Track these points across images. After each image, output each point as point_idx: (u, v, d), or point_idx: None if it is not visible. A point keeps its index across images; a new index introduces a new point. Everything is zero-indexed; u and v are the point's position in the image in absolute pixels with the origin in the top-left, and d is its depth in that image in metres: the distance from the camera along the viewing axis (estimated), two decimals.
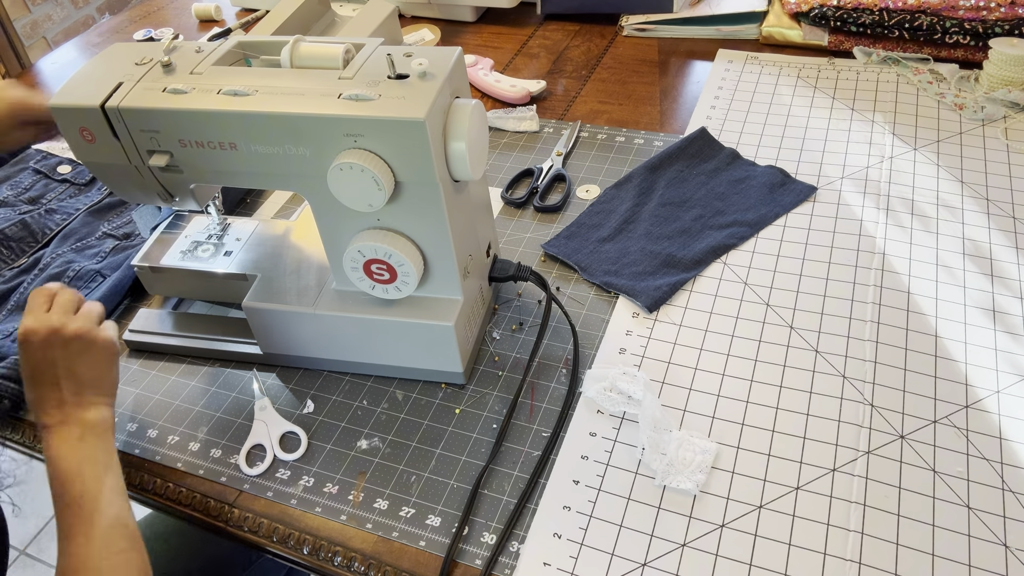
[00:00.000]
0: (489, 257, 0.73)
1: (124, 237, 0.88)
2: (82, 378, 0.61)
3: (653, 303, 0.73)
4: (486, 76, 1.07)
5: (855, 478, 0.59)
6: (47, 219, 0.91)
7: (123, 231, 0.89)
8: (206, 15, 1.35)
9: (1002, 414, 0.62)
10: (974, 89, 0.95)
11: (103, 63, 0.64)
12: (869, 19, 1.00)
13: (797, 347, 0.69)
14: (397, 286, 0.64)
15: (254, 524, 0.62)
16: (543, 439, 0.65)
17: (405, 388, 0.70)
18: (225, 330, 0.76)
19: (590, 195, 0.88)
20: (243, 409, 0.70)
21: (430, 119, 0.55)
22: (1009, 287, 0.72)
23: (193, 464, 0.67)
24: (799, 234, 0.80)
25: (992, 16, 0.95)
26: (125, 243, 0.87)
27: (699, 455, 0.61)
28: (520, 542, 0.58)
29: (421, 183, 0.58)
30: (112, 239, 0.88)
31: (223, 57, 0.64)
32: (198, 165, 0.63)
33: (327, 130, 0.57)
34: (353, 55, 0.62)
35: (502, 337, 0.73)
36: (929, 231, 0.78)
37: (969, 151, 0.87)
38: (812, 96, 0.98)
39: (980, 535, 0.55)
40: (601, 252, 0.80)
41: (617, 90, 1.05)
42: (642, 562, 0.56)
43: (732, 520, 0.58)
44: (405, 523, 0.61)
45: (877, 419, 0.63)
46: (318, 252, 0.73)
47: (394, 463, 0.65)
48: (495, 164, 0.94)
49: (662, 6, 1.14)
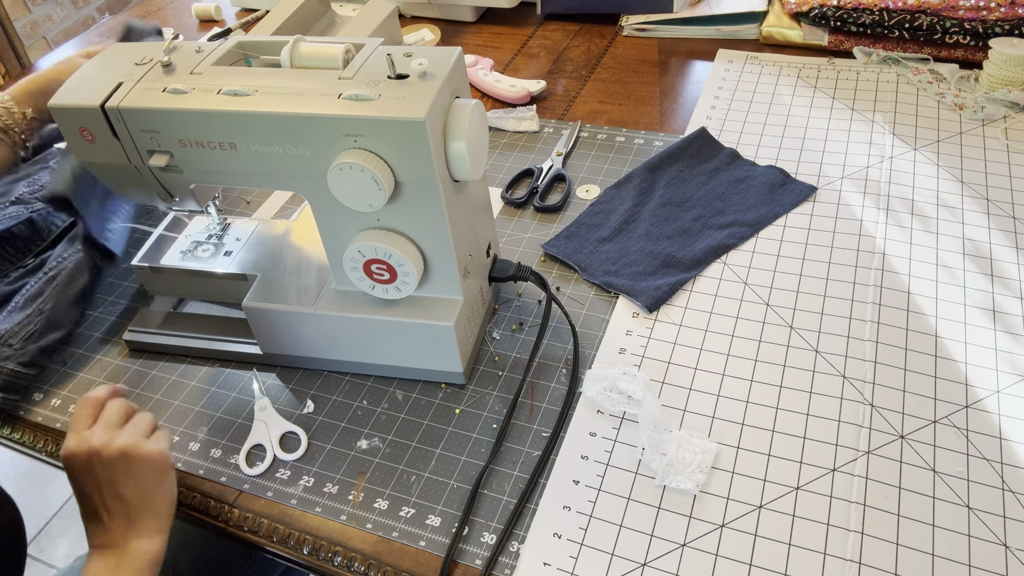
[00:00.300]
0: (489, 257, 0.73)
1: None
2: (129, 500, 0.57)
3: (653, 303, 0.73)
4: (486, 76, 1.07)
5: (855, 478, 0.59)
6: (54, 217, 0.90)
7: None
8: (206, 15, 1.35)
9: (1002, 414, 0.62)
10: (974, 89, 0.95)
11: (103, 63, 0.64)
12: (869, 19, 1.00)
13: (797, 347, 0.69)
14: (397, 286, 0.64)
15: (254, 524, 0.62)
16: (543, 439, 0.65)
17: (405, 388, 0.70)
18: (225, 330, 0.76)
19: (590, 195, 0.88)
20: (243, 409, 0.70)
21: (430, 119, 0.55)
22: (1009, 287, 0.72)
23: (193, 464, 0.67)
24: (799, 234, 0.80)
25: (992, 16, 0.95)
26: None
27: (699, 455, 0.61)
28: (520, 542, 0.58)
29: (421, 183, 0.58)
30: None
31: (223, 57, 0.64)
32: (198, 165, 0.63)
33: (327, 130, 0.57)
34: (353, 55, 0.62)
35: (502, 337, 0.73)
36: (929, 231, 0.78)
37: (969, 151, 0.87)
38: (812, 96, 0.98)
39: (980, 535, 0.55)
40: (601, 252, 0.80)
41: (617, 90, 1.05)
42: (642, 562, 0.56)
43: (732, 520, 0.58)
44: (405, 523, 0.61)
45: (877, 419, 0.63)
46: (318, 252, 0.73)
47: (394, 463, 0.65)
48: (495, 164, 0.94)
49: (662, 6, 1.14)
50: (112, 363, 0.76)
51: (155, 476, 0.59)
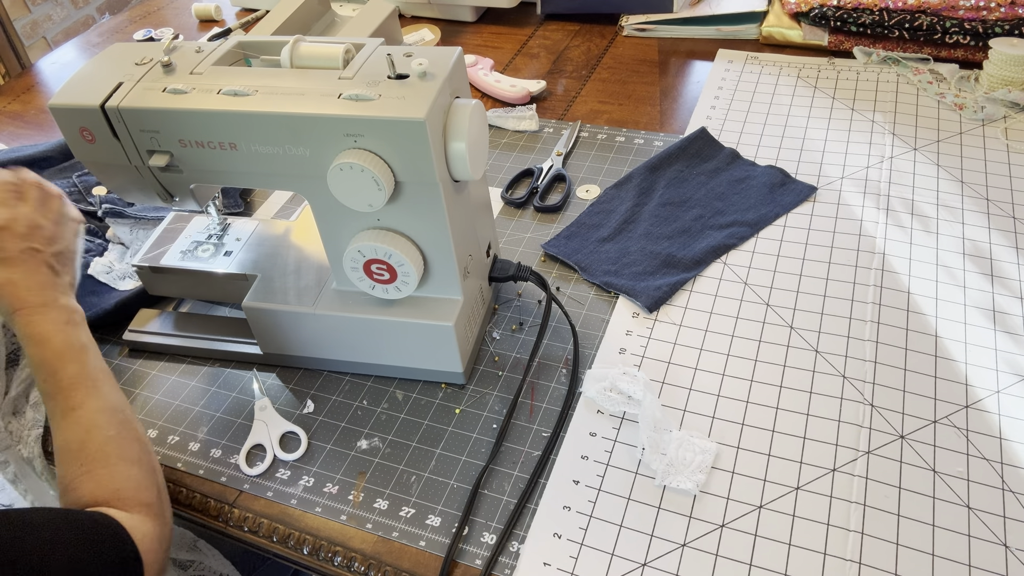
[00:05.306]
0: (489, 257, 0.73)
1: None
2: (64, 257, 0.65)
3: (653, 303, 0.73)
4: (486, 76, 1.07)
5: (855, 478, 0.59)
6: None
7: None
8: (206, 15, 1.35)
9: (1002, 414, 0.62)
10: (974, 89, 0.95)
11: (103, 63, 0.64)
12: (869, 19, 1.00)
13: (797, 347, 0.69)
14: (397, 286, 0.64)
15: (254, 524, 0.62)
16: (543, 439, 0.65)
17: (405, 388, 0.70)
18: (225, 330, 0.76)
19: (590, 195, 0.88)
20: (243, 409, 0.70)
21: (430, 119, 0.55)
22: (1009, 287, 0.72)
23: (193, 464, 0.67)
24: (799, 234, 0.80)
25: (992, 16, 0.95)
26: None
27: (699, 455, 0.61)
28: (520, 542, 0.58)
29: (421, 183, 0.58)
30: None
31: (223, 57, 0.64)
32: (198, 165, 0.63)
33: (327, 130, 0.57)
34: (353, 55, 0.62)
35: (502, 337, 0.73)
36: (929, 231, 0.78)
37: (969, 151, 0.87)
38: (812, 96, 0.98)
39: (980, 535, 0.55)
40: (601, 252, 0.80)
41: (617, 90, 1.05)
42: (642, 562, 0.56)
43: (732, 520, 0.58)
44: (405, 523, 0.61)
45: (877, 419, 0.63)
46: (318, 252, 0.73)
47: (394, 463, 0.65)
48: (495, 164, 0.94)
49: (662, 6, 1.14)
50: (112, 363, 0.76)
51: (72, 235, 0.67)
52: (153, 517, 0.56)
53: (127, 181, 0.66)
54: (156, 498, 0.57)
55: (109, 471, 0.56)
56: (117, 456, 0.57)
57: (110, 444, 0.57)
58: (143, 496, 0.56)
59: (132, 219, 0.88)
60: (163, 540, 0.56)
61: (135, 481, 0.56)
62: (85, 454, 0.56)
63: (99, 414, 0.58)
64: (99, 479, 0.55)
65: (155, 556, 0.54)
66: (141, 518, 0.55)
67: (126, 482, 0.56)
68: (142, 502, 0.56)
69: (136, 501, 0.56)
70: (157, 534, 0.55)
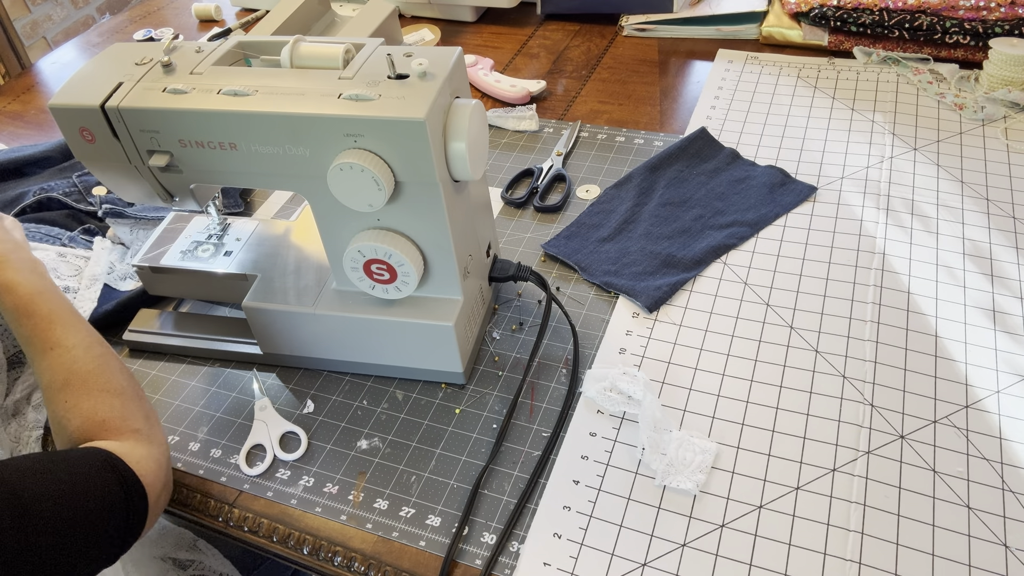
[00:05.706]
0: (489, 257, 0.73)
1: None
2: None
3: (653, 303, 0.73)
4: (486, 76, 1.07)
5: (855, 478, 0.59)
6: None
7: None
8: (206, 15, 1.35)
9: (1002, 414, 0.62)
10: (974, 89, 0.95)
11: (103, 63, 0.64)
12: (869, 19, 1.00)
13: (797, 347, 0.69)
14: (397, 286, 0.64)
15: (254, 524, 0.62)
16: (543, 439, 0.65)
17: (405, 388, 0.70)
18: (225, 330, 0.76)
19: (590, 195, 0.88)
20: (243, 409, 0.70)
21: (430, 119, 0.55)
22: (1009, 287, 0.72)
23: (193, 464, 0.67)
24: (799, 234, 0.80)
25: (992, 16, 0.95)
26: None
27: (699, 455, 0.61)
28: (520, 542, 0.58)
29: (421, 183, 0.58)
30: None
31: (223, 57, 0.64)
32: (198, 165, 0.63)
33: (327, 130, 0.57)
34: (353, 55, 0.62)
35: (502, 337, 0.73)
36: (929, 231, 0.78)
37: (969, 151, 0.87)
38: (812, 96, 0.98)
39: (980, 535, 0.55)
40: (601, 252, 0.80)
41: (617, 90, 1.05)
42: (642, 562, 0.56)
43: (732, 520, 0.58)
44: (405, 523, 0.61)
45: (877, 419, 0.63)
46: (318, 252, 0.73)
47: (394, 463, 0.65)
48: (495, 164, 0.94)
49: (662, 6, 1.14)
50: None
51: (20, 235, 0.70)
52: (144, 440, 0.59)
53: (127, 181, 0.66)
54: (144, 423, 0.60)
55: (93, 403, 0.58)
56: (99, 388, 0.59)
57: (92, 377, 0.59)
58: (131, 423, 0.59)
59: (132, 219, 0.88)
60: (158, 460, 0.58)
61: (120, 410, 0.59)
62: (69, 390, 0.59)
63: (78, 349, 0.60)
64: (85, 412, 0.58)
65: (154, 476, 0.57)
66: (132, 444, 0.58)
67: (110, 411, 0.59)
68: (131, 428, 0.59)
69: (125, 428, 0.58)
70: (152, 455, 0.58)
